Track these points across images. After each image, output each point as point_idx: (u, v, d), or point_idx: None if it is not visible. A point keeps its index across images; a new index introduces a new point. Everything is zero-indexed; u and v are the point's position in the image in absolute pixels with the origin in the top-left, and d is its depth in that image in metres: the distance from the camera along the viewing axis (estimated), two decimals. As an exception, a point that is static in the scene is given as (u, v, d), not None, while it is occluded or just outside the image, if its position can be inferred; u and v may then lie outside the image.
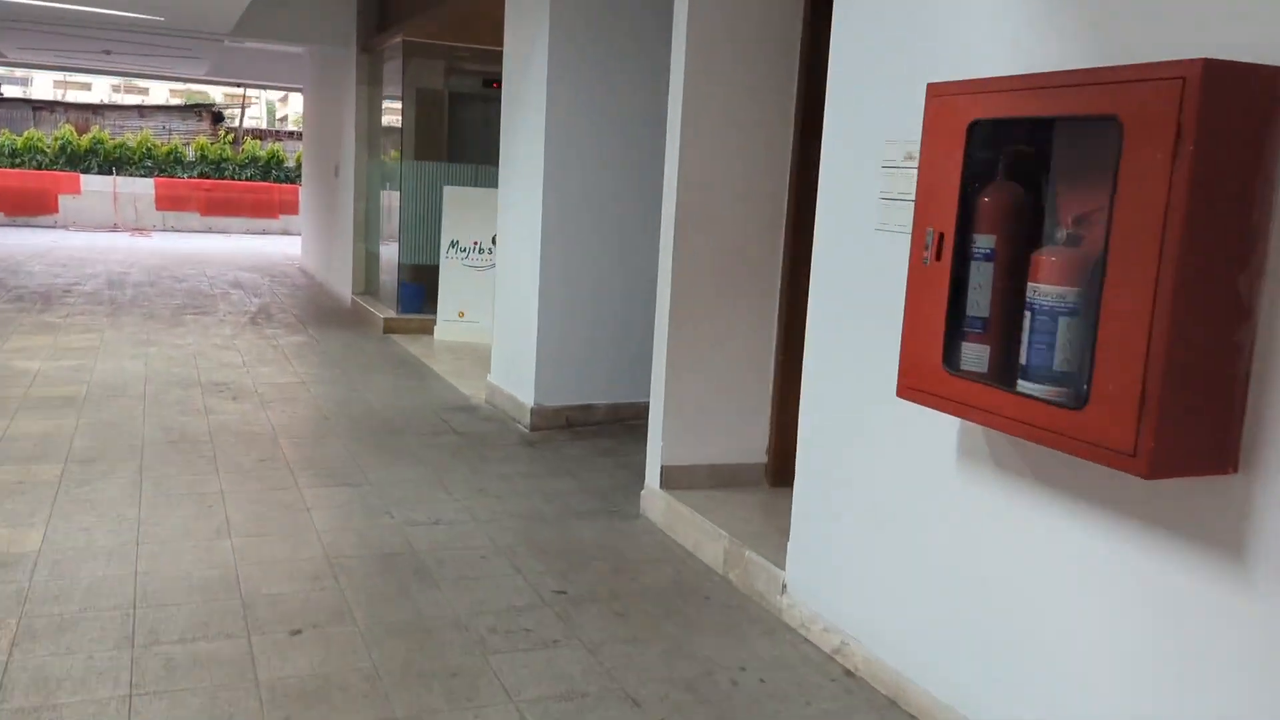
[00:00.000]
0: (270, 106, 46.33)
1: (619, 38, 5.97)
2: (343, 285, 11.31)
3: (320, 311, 10.55)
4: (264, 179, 23.03)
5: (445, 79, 11.26)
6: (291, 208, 21.81)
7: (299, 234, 20.61)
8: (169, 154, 23.15)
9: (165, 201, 21.17)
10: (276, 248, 18.33)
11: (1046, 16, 2.58)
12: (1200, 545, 2.22)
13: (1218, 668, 2.18)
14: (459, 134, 11.63)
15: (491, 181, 10.19)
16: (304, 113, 14.68)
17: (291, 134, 26.49)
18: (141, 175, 22.17)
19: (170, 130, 26.50)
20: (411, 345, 8.86)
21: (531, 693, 3.06)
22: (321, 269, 12.97)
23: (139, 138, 23.46)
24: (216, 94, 33.74)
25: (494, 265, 9.27)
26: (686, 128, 4.37)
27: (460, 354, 8.60)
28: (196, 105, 29.43)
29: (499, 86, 12.06)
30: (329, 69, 12.31)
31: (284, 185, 22.33)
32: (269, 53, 17.10)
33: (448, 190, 9.29)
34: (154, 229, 20.67)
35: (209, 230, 21.03)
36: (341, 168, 11.51)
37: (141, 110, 27.76)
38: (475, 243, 9.27)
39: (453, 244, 9.28)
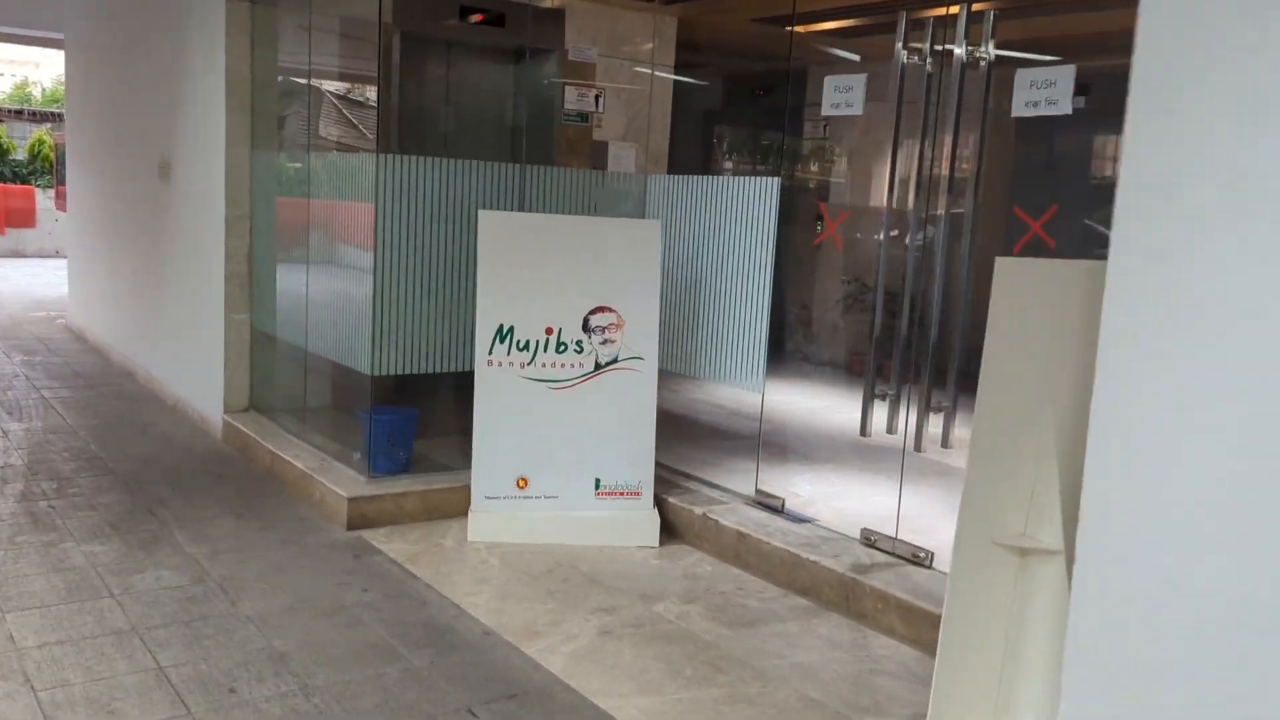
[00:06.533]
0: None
1: None
2: (197, 392, 5.90)
3: (168, 458, 5.14)
4: (-22, 176, 16.20)
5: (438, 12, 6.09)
6: (24, 218, 15.34)
7: (42, 256, 14.44)
8: None
9: None
10: (12, 284, 12.10)
11: None
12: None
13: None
14: (456, 109, 6.49)
15: (558, 203, 5.08)
16: (67, 69, 8.92)
17: (17, 113, 19.24)
18: None
19: None
20: (447, 578, 3.78)
21: None
22: (126, 342, 7.33)
23: None
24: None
25: (595, 371, 4.35)
26: None
27: (573, 604, 3.60)
28: None
29: (483, 19, 6.97)
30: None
31: (11, 186, 15.70)
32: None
33: (485, 218, 4.28)
34: None
35: (-108, 251, 14.32)
36: (177, 165, 6.08)
37: None
38: (550, 330, 4.32)
39: (502, 334, 4.29)
